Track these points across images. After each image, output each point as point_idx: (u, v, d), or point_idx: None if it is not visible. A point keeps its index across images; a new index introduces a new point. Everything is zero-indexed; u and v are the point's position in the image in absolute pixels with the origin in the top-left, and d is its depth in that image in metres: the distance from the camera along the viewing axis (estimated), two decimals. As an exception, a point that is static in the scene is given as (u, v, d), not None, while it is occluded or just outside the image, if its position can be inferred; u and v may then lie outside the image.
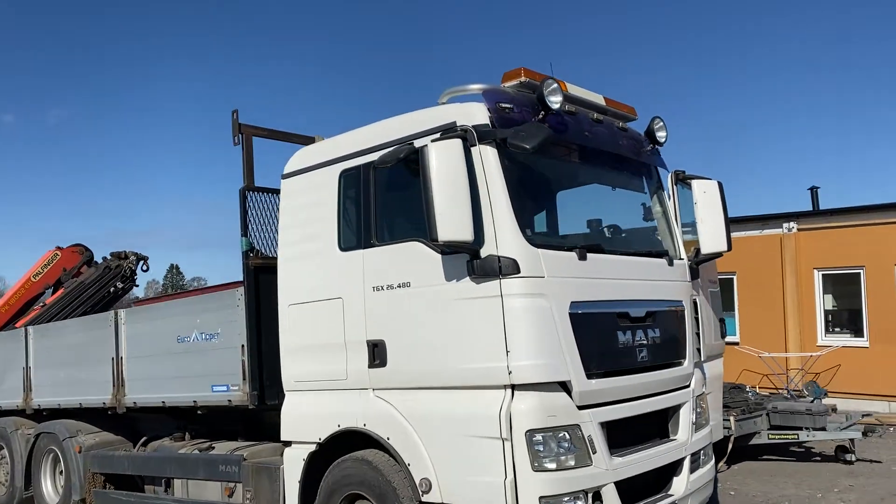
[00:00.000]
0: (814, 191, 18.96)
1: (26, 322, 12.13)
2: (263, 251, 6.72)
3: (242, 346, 6.49)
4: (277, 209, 6.85)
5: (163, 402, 7.44)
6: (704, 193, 6.49)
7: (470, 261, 4.91)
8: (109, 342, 8.07)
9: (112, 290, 13.27)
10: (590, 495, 4.85)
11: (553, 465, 4.73)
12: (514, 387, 4.78)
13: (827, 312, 16.67)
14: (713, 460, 6.37)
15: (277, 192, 6.77)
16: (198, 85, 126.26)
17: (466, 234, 4.74)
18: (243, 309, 6.49)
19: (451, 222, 4.71)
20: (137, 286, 13.74)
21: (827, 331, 16.50)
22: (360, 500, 5.57)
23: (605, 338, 5.27)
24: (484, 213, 4.91)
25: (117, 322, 8.00)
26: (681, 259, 6.31)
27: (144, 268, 13.78)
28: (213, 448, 7.21)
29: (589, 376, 5.01)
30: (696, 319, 6.37)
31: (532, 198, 5.72)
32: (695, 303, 6.39)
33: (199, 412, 7.20)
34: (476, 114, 5.07)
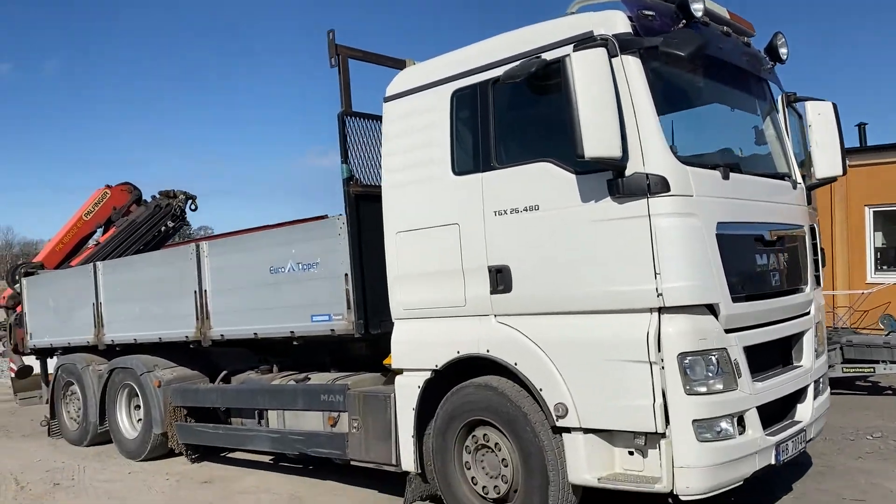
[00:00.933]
0: (861, 127, 18.54)
1: (82, 261, 12.06)
2: (361, 179, 6.51)
3: (346, 275, 6.34)
4: (374, 135, 6.65)
5: (254, 333, 7.34)
6: (819, 115, 6.23)
7: (612, 180, 4.70)
8: (191, 275, 7.94)
9: (163, 229, 13.16)
10: (735, 419, 4.74)
11: (703, 389, 4.60)
12: (661, 309, 4.62)
13: (876, 250, 16.47)
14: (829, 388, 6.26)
15: (376, 117, 6.56)
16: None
17: (614, 150, 4.52)
18: (346, 238, 6.32)
19: (599, 138, 4.48)
20: (188, 225, 13.59)
21: (876, 269, 16.32)
22: (481, 426, 5.49)
23: (746, 260, 5.10)
24: (628, 129, 4.67)
25: (199, 255, 7.85)
26: (799, 183, 6.08)
27: (193, 207, 13.63)
28: (310, 379, 7.14)
29: (733, 300, 4.85)
30: (815, 246, 6.17)
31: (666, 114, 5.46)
32: (812, 228, 6.18)
33: (294, 343, 7.09)
34: (617, 22, 4.80)
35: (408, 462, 5.89)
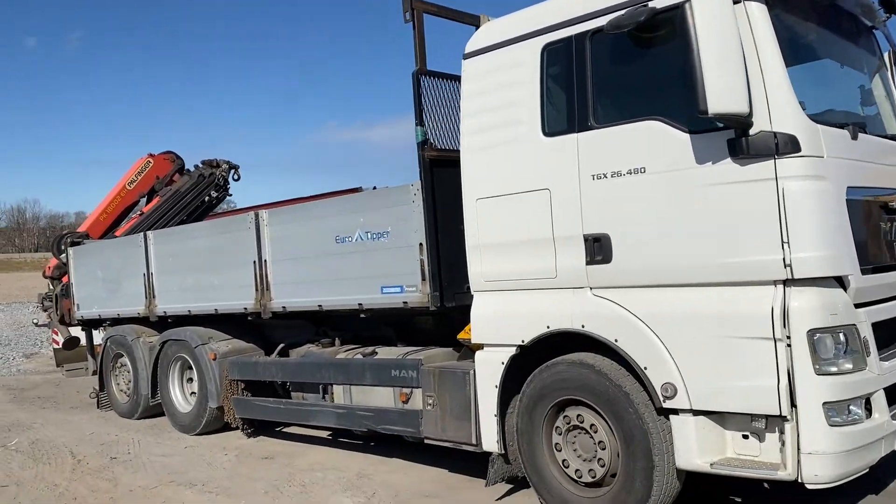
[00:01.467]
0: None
1: (126, 231, 11.85)
2: (435, 143, 6.13)
3: (420, 244, 6.00)
4: (450, 96, 6.27)
5: (318, 306, 7.03)
6: (932, 74, 5.73)
7: (735, 139, 4.27)
8: (249, 245, 7.64)
9: (207, 199, 12.91)
10: (863, 402, 4.35)
11: (834, 369, 4.20)
12: (788, 282, 4.21)
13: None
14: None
15: (452, 77, 6.17)
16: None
17: (741, 105, 4.09)
18: (420, 205, 5.96)
19: (723, 91, 4.05)
20: (231, 195, 13.33)
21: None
22: (573, 405, 5.15)
23: (873, 229, 4.68)
24: (752, 83, 4.23)
25: (258, 224, 7.54)
26: (916, 146, 5.60)
27: (236, 177, 13.38)
28: (377, 353, 6.83)
29: (862, 272, 4.43)
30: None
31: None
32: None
33: (361, 316, 6.77)
34: (737, -35, 4.33)
35: (490, 442, 5.57)
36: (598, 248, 4.89)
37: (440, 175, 6.00)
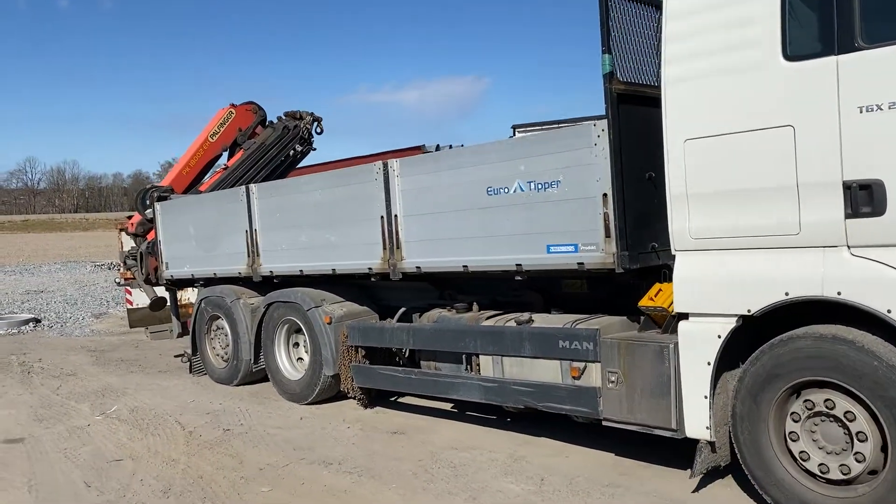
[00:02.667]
0: None
1: (211, 185, 11.17)
2: (621, 76, 5.22)
3: (605, 195, 5.14)
4: (636, 25, 5.35)
5: (463, 266, 6.23)
6: None
7: None
8: (377, 198, 6.85)
9: (291, 153, 12.15)
10: None
11: None
12: None
13: None
14: None
15: (641, 1, 5.26)
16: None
17: None
18: (605, 149, 5.09)
19: None
20: (315, 150, 12.53)
21: None
22: (814, 388, 4.30)
23: None
24: None
25: (388, 174, 6.73)
26: None
27: (319, 130, 12.58)
28: (533, 321, 6.03)
29: None
30: None
31: None
32: None
33: (518, 278, 5.96)
34: None
35: (697, 428, 4.76)
36: (864, 198, 3.99)
37: (626, 114, 5.14)
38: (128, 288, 14.47)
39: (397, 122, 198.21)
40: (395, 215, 6.73)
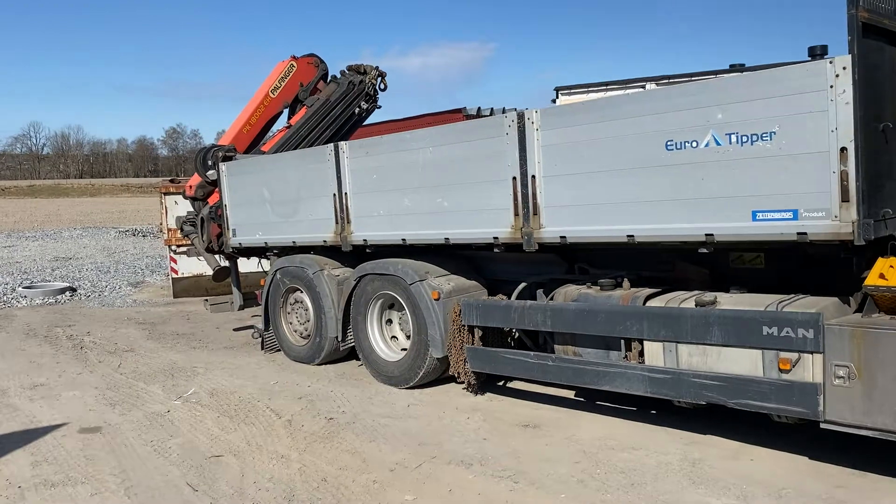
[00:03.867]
0: None
1: (275, 145, 10.21)
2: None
3: (843, 149, 4.18)
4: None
5: (628, 236, 5.29)
6: None
7: None
8: (506, 156, 5.90)
9: (357, 111, 11.15)
10: None
11: None
12: None
13: None
14: None
15: None
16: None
17: None
18: (846, 91, 4.14)
19: None
20: (380, 107, 11.51)
21: None
22: None
23: None
24: None
25: (523, 128, 5.77)
26: None
27: (382, 86, 11.54)
28: (719, 302, 5.10)
29: None
30: None
31: None
32: None
33: (702, 251, 5.03)
34: None
35: (971, 436, 3.86)
36: None
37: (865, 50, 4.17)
38: (172, 256, 13.64)
39: (402, 89, 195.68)
40: (533, 176, 5.78)
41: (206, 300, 10.39)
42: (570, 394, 6.72)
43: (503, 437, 5.77)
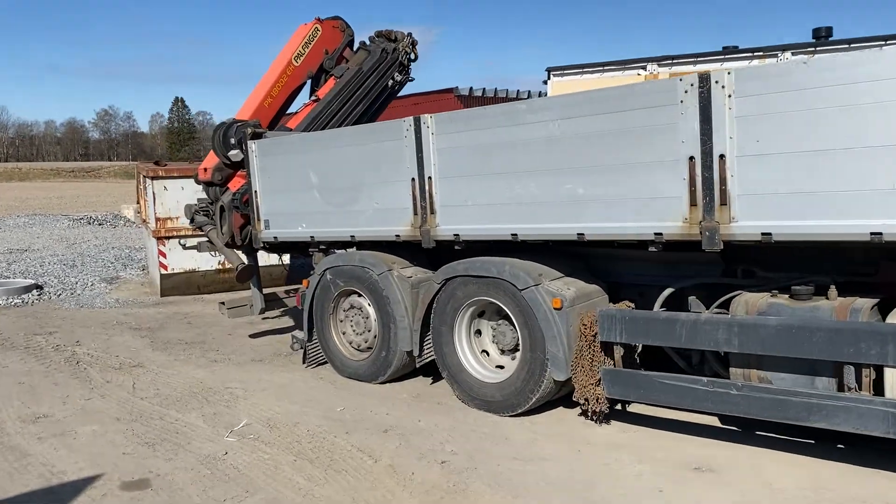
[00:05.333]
0: None
1: (304, 121, 8.76)
2: None
3: None
4: None
5: (873, 234, 4.10)
6: None
7: None
8: (677, 131, 4.66)
9: (390, 83, 9.75)
10: None
11: None
12: None
13: None
14: None
15: None
16: None
17: None
18: None
19: None
20: (412, 79, 10.11)
21: None
22: None
23: None
24: None
25: (709, 91, 4.52)
26: None
27: (413, 56, 10.13)
28: None
29: None
30: None
31: None
32: None
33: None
34: None
35: None
36: None
37: None
38: (161, 249, 11.98)
39: None
40: (721, 155, 4.54)
41: (223, 303, 8.86)
42: (711, 420, 5.56)
43: (678, 484, 4.56)
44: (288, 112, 9.52)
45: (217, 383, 7.11)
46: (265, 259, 9.61)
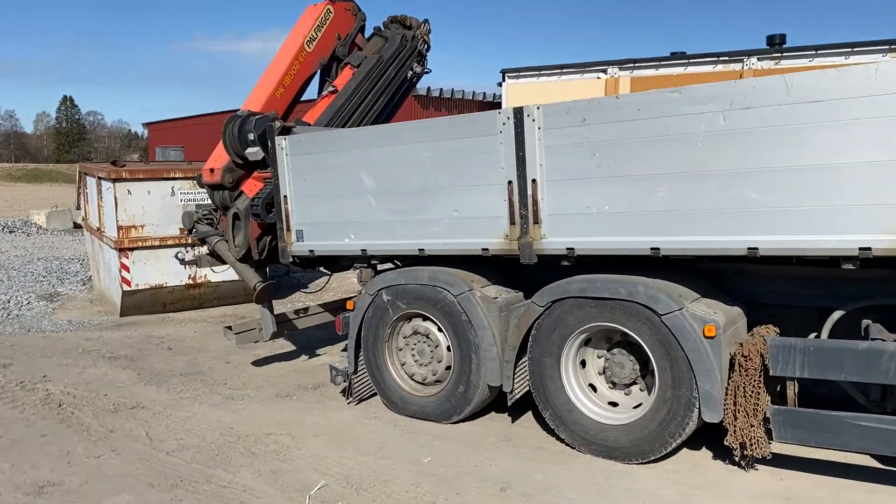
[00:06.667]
0: None
1: (323, 115, 7.60)
2: None
3: None
4: None
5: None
6: None
7: None
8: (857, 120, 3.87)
9: (409, 74, 8.69)
10: None
11: None
12: None
13: None
14: None
15: None
16: None
17: None
18: None
19: None
20: (429, 71, 9.05)
21: None
22: None
23: None
24: None
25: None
26: None
27: (427, 46, 9.11)
28: None
29: None
30: None
31: None
32: None
33: None
34: None
35: None
36: None
37: None
38: (124, 262, 10.43)
39: (241, 75, 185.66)
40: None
41: (229, 328, 7.52)
42: (865, 460, 4.83)
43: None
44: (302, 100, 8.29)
45: (252, 428, 5.86)
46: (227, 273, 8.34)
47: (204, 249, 7.66)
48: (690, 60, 17.41)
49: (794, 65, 15.78)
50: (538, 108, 5.09)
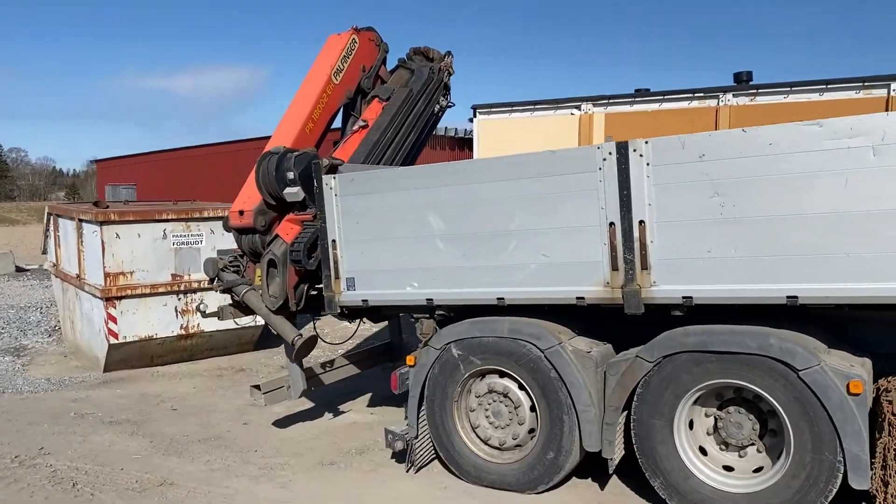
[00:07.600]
0: None
1: (357, 152, 7.03)
2: None
3: None
4: None
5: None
6: None
7: None
8: None
9: (436, 108, 8.20)
10: None
11: None
12: None
13: None
14: None
15: None
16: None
17: None
18: None
19: None
20: (452, 105, 8.55)
21: None
22: None
23: None
24: None
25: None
26: None
27: (450, 75, 8.65)
28: None
29: None
30: None
31: None
32: None
33: None
34: None
35: None
36: None
37: None
38: (111, 313, 9.51)
39: (171, 111, 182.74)
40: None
41: (257, 387, 6.73)
42: None
43: None
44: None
45: (307, 508, 5.13)
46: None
47: (226, 300, 6.91)
48: (665, 97, 17.46)
49: (769, 101, 15.96)
50: (646, 142, 4.62)
